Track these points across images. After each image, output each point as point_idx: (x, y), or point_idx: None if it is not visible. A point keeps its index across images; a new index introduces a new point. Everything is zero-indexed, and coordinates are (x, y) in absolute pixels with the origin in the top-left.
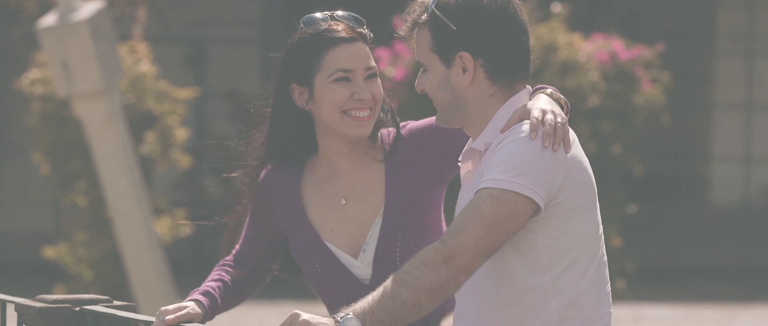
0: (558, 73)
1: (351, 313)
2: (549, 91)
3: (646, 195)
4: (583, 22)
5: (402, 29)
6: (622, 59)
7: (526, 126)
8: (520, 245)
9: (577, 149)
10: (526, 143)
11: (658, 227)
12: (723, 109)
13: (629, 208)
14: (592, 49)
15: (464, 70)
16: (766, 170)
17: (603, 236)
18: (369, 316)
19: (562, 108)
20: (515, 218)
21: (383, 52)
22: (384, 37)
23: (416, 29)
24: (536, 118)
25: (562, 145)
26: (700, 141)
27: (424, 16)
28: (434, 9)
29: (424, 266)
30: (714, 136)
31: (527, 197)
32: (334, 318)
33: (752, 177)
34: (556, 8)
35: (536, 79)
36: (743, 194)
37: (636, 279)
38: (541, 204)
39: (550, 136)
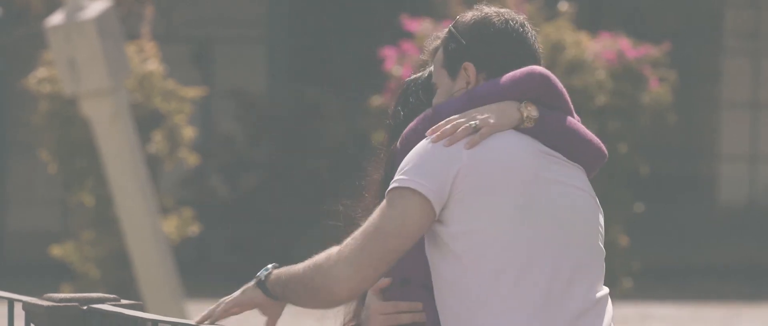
0: (565, 72)
1: (271, 266)
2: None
3: (652, 194)
4: (590, 21)
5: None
6: (630, 58)
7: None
8: (433, 241)
9: (489, 146)
10: (420, 143)
11: (665, 226)
12: (730, 107)
13: (636, 207)
14: (599, 48)
15: (467, 82)
16: None
17: (570, 248)
18: (285, 272)
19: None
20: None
21: (390, 52)
22: (390, 36)
23: (436, 53)
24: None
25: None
26: (707, 140)
27: (441, 39)
28: (451, 27)
29: (322, 261)
30: (721, 134)
31: (414, 190)
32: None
33: (759, 176)
34: (563, 7)
35: None
36: (750, 193)
37: (642, 278)
38: (427, 194)
39: (446, 134)
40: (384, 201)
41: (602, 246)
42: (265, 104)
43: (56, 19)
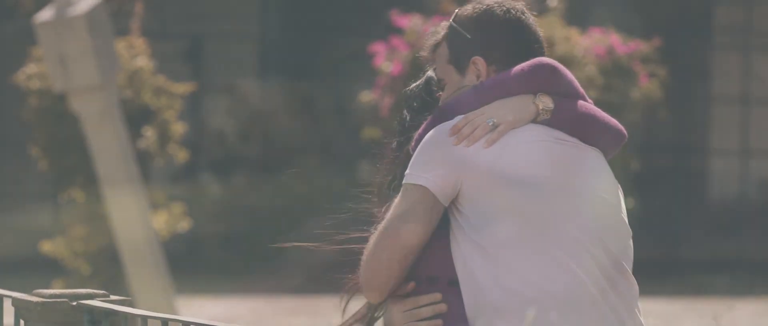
0: None
1: None
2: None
3: (643, 189)
4: (580, 17)
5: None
6: (620, 53)
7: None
8: (456, 236)
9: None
10: (425, 138)
11: (656, 221)
12: (720, 103)
13: (626, 202)
14: (590, 44)
15: (477, 76)
16: (763, 164)
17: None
18: None
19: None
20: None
21: (380, 47)
22: (380, 31)
23: (437, 49)
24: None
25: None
26: (698, 135)
27: (443, 33)
28: (452, 22)
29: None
30: (711, 130)
31: (418, 185)
32: None
33: (749, 171)
34: (553, 2)
35: None
36: (740, 188)
37: (633, 273)
38: (430, 187)
39: (464, 135)
40: (395, 200)
41: (626, 220)
42: (256, 100)
43: (46, 14)
